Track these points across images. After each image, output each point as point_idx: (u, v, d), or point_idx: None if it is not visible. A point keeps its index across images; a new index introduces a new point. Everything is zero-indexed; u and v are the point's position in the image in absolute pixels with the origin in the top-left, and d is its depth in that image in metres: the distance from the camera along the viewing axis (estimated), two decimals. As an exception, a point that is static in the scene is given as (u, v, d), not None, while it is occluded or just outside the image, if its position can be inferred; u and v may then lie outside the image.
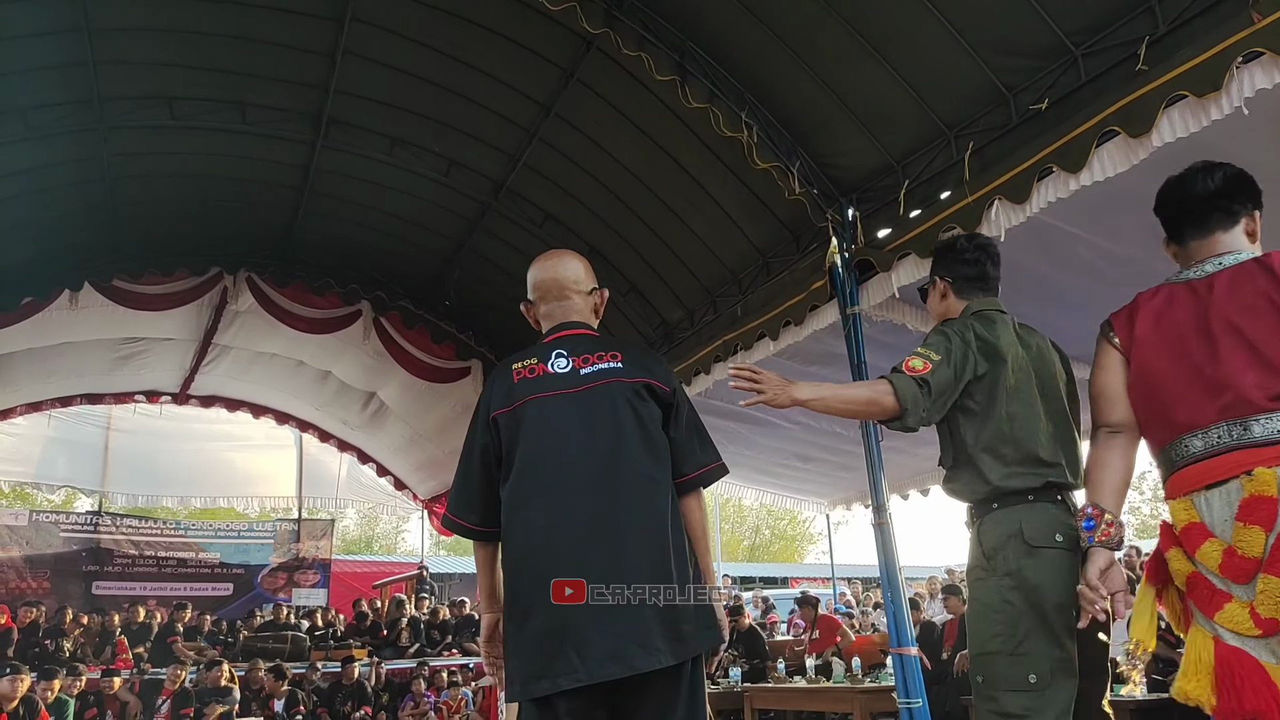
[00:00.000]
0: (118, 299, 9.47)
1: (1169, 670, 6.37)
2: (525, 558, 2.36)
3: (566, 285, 2.69)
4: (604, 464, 2.38)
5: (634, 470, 2.40)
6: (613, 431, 2.41)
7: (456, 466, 2.56)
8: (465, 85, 7.70)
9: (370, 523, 36.95)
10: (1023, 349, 2.80)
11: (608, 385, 2.46)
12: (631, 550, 2.32)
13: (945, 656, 8.36)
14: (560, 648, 2.23)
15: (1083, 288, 6.44)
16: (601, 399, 2.44)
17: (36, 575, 15.12)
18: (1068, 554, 2.55)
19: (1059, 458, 2.69)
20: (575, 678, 2.21)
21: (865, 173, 6.48)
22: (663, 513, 2.40)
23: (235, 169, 8.90)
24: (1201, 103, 4.10)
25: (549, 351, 2.55)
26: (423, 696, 11.46)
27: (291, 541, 17.34)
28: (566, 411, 2.44)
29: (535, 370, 2.52)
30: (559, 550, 2.31)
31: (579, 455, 2.39)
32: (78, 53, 7.03)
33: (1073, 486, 2.71)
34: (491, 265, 10.10)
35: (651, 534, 2.36)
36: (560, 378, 2.49)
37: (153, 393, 13.77)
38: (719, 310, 8.24)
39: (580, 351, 2.53)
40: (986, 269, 3.04)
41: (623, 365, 2.50)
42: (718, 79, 6.42)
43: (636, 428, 2.43)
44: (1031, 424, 2.69)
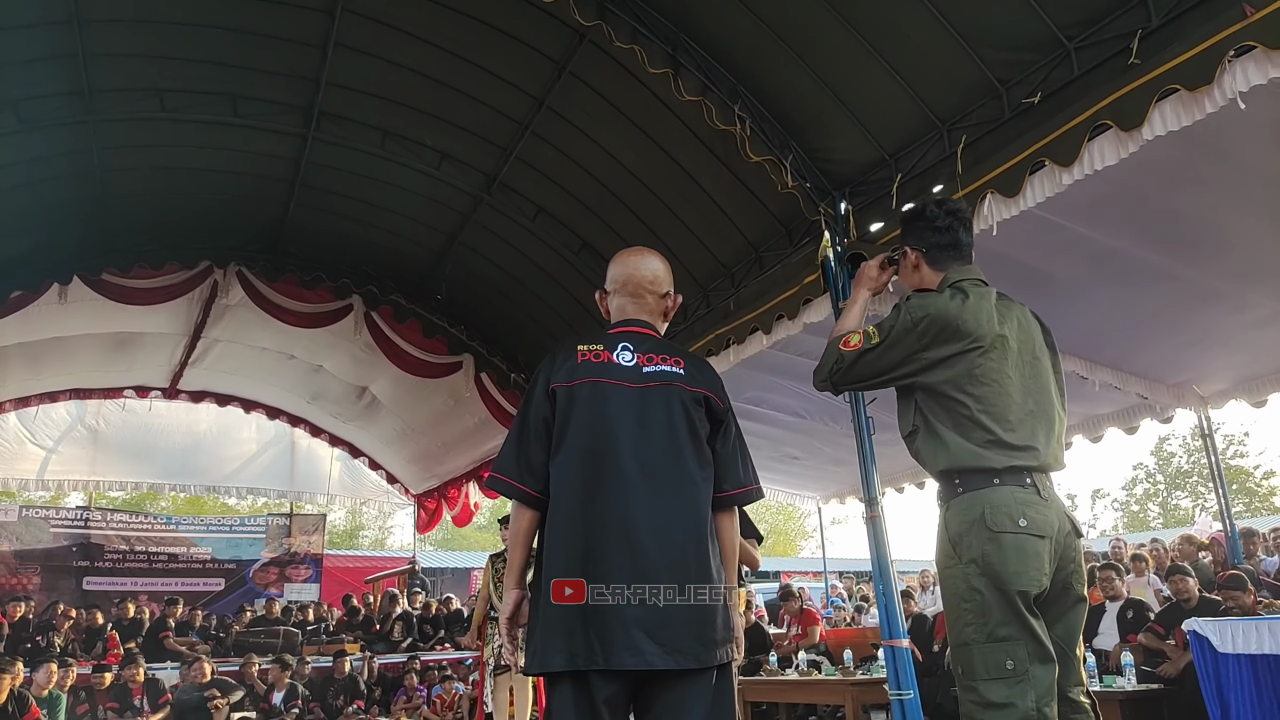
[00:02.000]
0: (107, 293, 9.42)
1: (1158, 661, 6.41)
2: (571, 536, 2.37)
3: (643, 284, 2.70)
4: (657, 461, 2.42)
5: (685, 473, 2.44)
6: (667, 431, 2.46)
7: (509, 433, 2.57)
8: (457, 78, 7.68)
9: (354, 516, 36.92)
10: (1001, 324, 2.71)
11: (667, 387, 2.50)
12: (675, 549, 2.36)
13: (937, 649, 8.38)
14: (589, 629, 2.27)
15: (1076, 280, 6.49)
16: (660, 399, 2.49)
17: (26, 571, 15.05)
18: (1032, 539, 2.52)
19: (1033, 440, 2.63)
20: (594, 661, 2.24)
21: (858, 166, 6.48)
22: (705, 519, 2.44)
23: (226, 162, 8.87)
24: (1194, 96, 4.11)
25: (615, 342, 2.58)
26: (415, 691, 11.46)
27: (283, 536, 17.30)
28: (626, 403, 2.47)
29: (600, 356, 2.53)
30: (608, 535, 2.34)
31: (634, 447, 2.42)
32: (68, 45, 6.99)
33: (1043, 469, 2.65)
34: (484, 259, 10.08)
35: (695, 537, 2.40)
36: (624, 369, 2.52)
37: (142, 388, 13.74)
38: (712, 304, 8.24)
39: (646, 350, 2.57)
40: (959, 235, 2.93)
41: (684, 372, 2.55)
42: (711, 72, 6.41)
43: (689, 434, 2.48)
44: (1001, 405, 2.63)
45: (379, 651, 12.47)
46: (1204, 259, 6.17)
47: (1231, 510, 9.06)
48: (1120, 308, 6.76)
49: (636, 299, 2.70)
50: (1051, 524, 2.58)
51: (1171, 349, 7.29)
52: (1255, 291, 6.55)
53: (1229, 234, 5.92)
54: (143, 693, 9.43)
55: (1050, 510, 2.59)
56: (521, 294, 10.30)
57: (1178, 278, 6.32)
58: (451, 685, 11.35)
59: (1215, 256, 6.15)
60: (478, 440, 12.68)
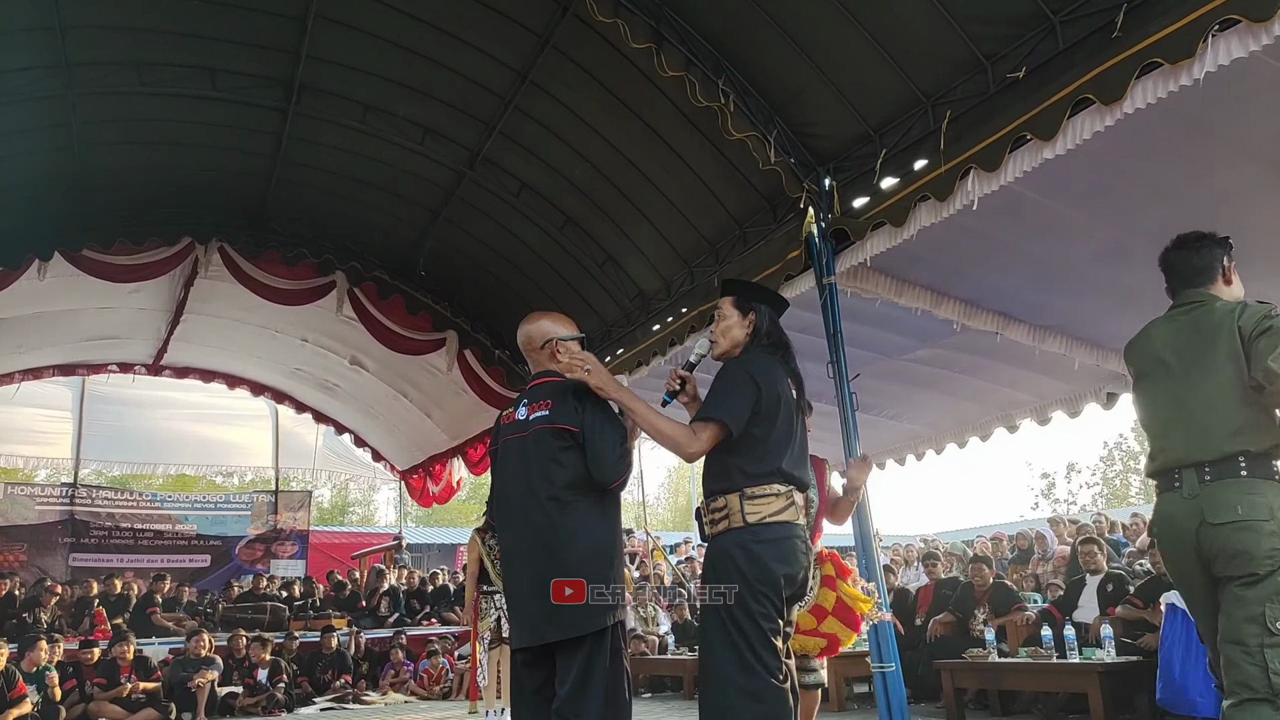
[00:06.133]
0: (88, 269, 9.34)
1: (1137, 634, 6.49)
2: (503, 563, 3.42)
3: (524, 348, 3.41)
4: (529, 494, 3.12)
5: (538, 497, 3.10)
6: (536, 466, 3.14)
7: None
8: (439, 51, 7.61)
9: (341, 493, 37.00)
10: None
11: (540, 430, 3.15)
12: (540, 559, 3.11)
13: (919, 622, 8.47)
14: (512, 621, 3.27)
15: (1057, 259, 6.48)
16: (534, 440, 3.15)
17: (13, 548, 15.04)
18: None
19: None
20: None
21: (842, 142, 6.45)
22: (561, 527, 3.09)
23: (207, 137, 8.78)
24: (1174, 70, 4.10)
25: (519, 401, 3.31)
26: (402, 665, 11.52)
27: (269, 513, 17.33)
28: (516, 450, 3.20)
29: (509, 417, 3.30)
30: (510, 557, 3.25)
31: (520, 488, 3.16)
32: (45, 16, 6.89)
33: None
34: (467, 235, 10.04)
35: (542, 545, 3.11)
36: (517, 424, 3.23)
37: (126, 363, 13.68)
38: (696, 280, 8.23)
39: (535, 399, 3.24)
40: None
41: (549, 413, 3.16)
42: (694, 46, 6.36)
43: (552, 462, 3.11)
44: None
45: (366, 627, 12.52)
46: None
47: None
48: (1105, 287, 6.77)
49: (530, 359, 3.42)
50: None
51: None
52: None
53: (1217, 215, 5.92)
54: (130, 669, 9.43)
55: None
56: (505, 270, 10.26)
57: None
58: (438, 660, 11.41)
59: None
60: (462, 417, 12.67)
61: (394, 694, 11.03)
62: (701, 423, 2.98)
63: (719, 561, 2.94)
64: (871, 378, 7.57)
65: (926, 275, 6.69)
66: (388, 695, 10.98)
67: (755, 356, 3.13)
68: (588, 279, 9.53)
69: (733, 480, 2.96)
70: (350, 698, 10.67)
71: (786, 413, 3.02)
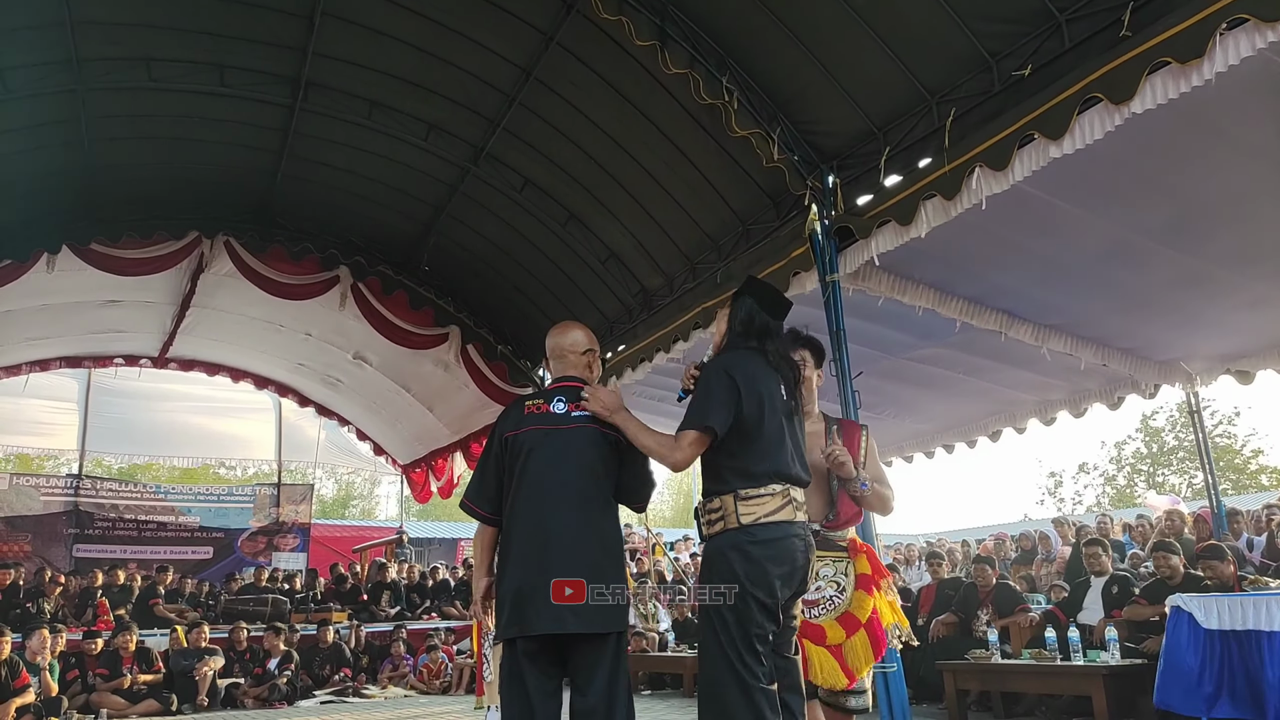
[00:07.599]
0: (96, 263, 9.35)
1: (1142, 637, 6.45)
2: (518, 549, 3.14)
3: (566, 349, 3.44)
4: (571, 486, 3.13)
5: (588, 493, 3.14)
6: (588, 461, 3.18)
7: (477, 465, 3.42)
8: (445, 48, 7.61)
9: (345, 486, 37.11)
10: None
11: (585, 427, 3.21)
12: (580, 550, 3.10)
13: (921, 622, 8.44)
14: (526, 607, 3.04)
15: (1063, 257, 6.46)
16: (583, 436, 3.19)
17: (18, 538, 15.08)
18: None
19: None
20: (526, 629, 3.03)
21: (846, 139, 6.44)
22: (601, 526, 3.14)
23: (214, 132, 8.80)
24: (1184, 69, 4.08)
25: (552, 396, 3.32)
26: (401, 659, 11.52)
27: (271, 506, 17.36)
28: (558, 443, 3.18)
29: (541, 408, 3.27)
30: (537, 548, 3.08)
31: (560, 477, 3.13)
32: (55, 12, 6.91)
33: None
34: (471, 231, 10.04)
35: (597, 541, 3.12)
36: (557, 416, 3.24)
37: (132, 356, 13.69)
38: (699, 277, 8.22)
39: (573, 399, 3.28)
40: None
41: (592, 415, 3.22)
42: (698, 44, 6.35)
43: (601, 462, 3.19)
44: None
45: (366, 620, 12.52)
46: (1194, 242, 6.13)
47: (1218, 487, 9.07)
48: (1112, 287, 6.74)
49: (561, 360, 3.45)
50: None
51: (1160, 329, 7.25)
52: (1242, 275, 6.51)
53: (1222, 214, 5.89)
54: (133, 660, 9.46)
55: None
56: (508, 266, 10.26)
57: (1170, 260, 6.29)
58: (438, 654, 11.41)
59: (1208, 239, 6.12)
60: (464, 412, 12.67)
61: (394, 688, 11.03)
62: (683, 431, 2.96)
63: (714, 562, 2.93)
64: (869, 377, 7.57)
65: (930, 273, 6.67)
66: (387, 689, 10.98)
67: (734, 355, 3.10)
68: (590, 275, 9.53)
69: (727, 481, 2.95)
70: (350, 691, 10.68)
71: (773, 408, 3.00)
